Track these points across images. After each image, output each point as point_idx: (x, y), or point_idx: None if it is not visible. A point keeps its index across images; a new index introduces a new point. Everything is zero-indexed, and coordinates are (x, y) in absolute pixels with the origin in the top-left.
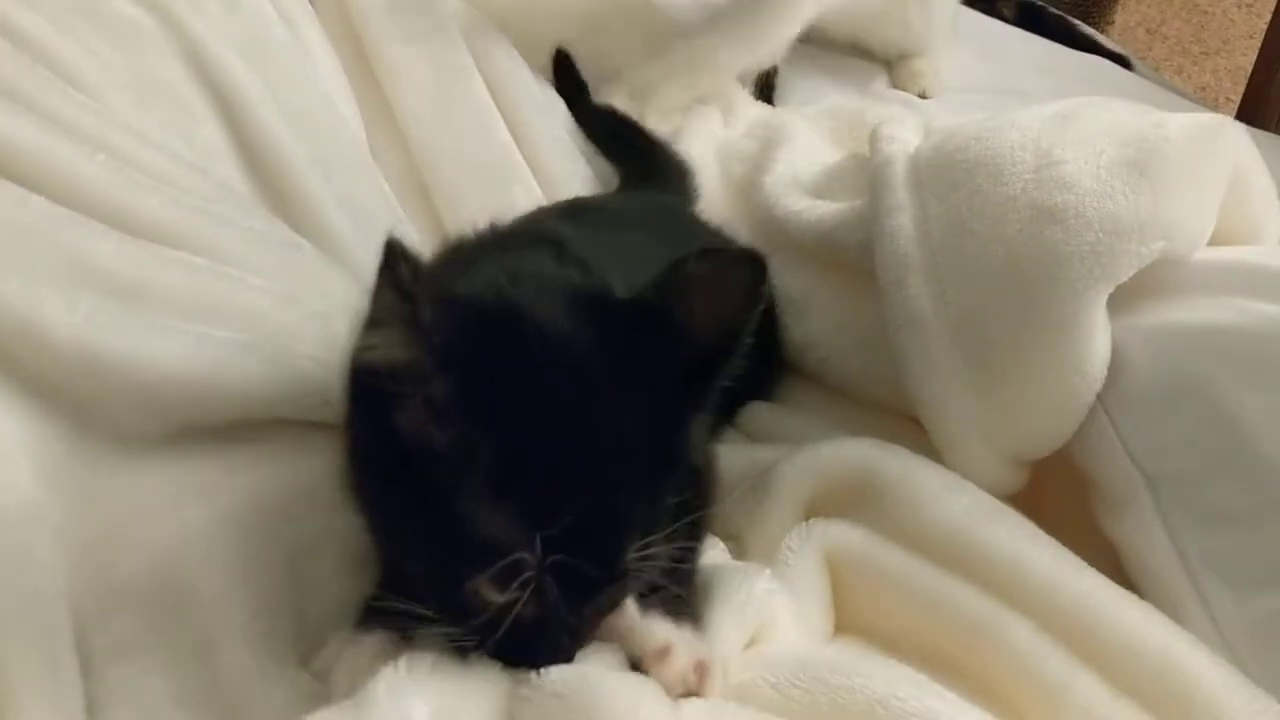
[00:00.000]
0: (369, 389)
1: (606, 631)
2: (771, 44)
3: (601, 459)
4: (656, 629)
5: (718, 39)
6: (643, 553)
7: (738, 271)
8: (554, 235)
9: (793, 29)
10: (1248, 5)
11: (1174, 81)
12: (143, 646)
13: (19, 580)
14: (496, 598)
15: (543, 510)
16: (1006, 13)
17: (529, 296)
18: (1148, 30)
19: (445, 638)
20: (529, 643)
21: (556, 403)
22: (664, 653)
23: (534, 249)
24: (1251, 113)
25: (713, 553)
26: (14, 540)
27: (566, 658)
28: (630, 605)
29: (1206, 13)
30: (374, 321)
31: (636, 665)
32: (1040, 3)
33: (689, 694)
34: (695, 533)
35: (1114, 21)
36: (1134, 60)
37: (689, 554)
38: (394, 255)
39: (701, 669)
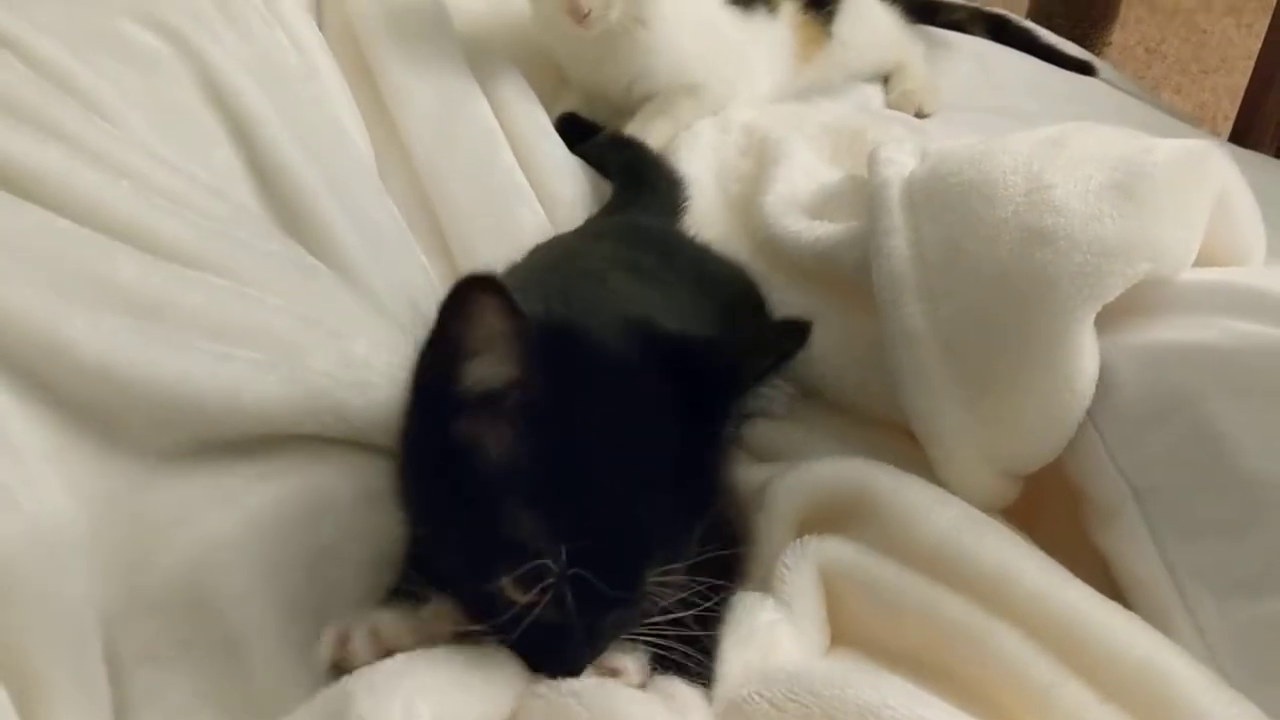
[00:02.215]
0: (429, 404)
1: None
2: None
3: (635, 487)
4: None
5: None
6: (662, 579)
7: (777, 341)
8: (599, 267)
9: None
10: (1247, 25)
11: (1173, 100)
12: (169, 650)
13: (50, 588)
14: (519, 598)
15: (573, 524)
16: (976, 33)
17: (595, 327)
18: (1147, 49)
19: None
20: (546, 647)
21: (605, 430)
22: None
23: (585, 280)
24: (1245, 134)
25: None
26: (45, 549)
27: (579, 667)
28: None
29: (1205, 32)
30: (473, 351)
31: None
32: (1005, 14)
33: None
34: (723, 575)
35: (1110, 43)
36: (1098, 66)
37: (715, 596)
38: (487, 286)
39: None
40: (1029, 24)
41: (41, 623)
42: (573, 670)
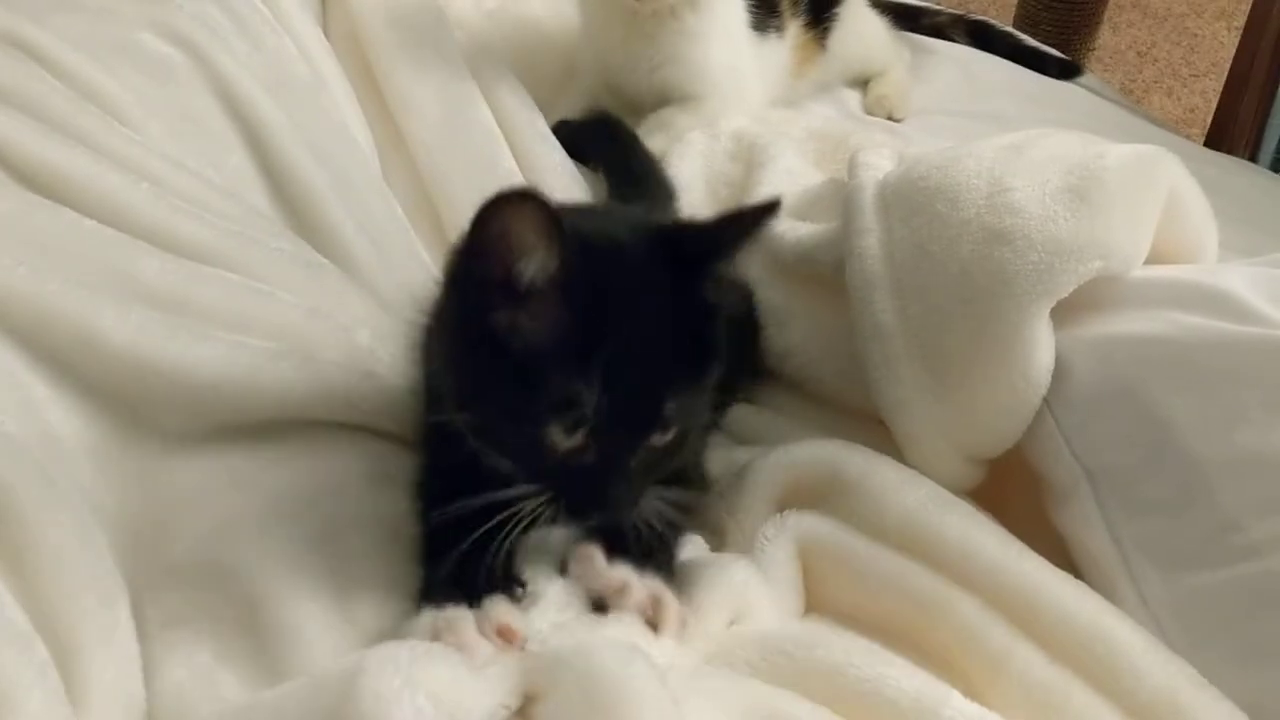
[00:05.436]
0: (472, 298)
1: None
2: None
3: (648, 341)
4: (617, 572)
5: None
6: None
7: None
8: None
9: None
10: (1237, 28)
11: (1164, 103)
12: (192, 617)
13: (82, 555)
14: (564, 443)
15: (605, 374)
16: (957, 37)
17: (607, 227)
18: (1138, 53)
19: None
20: (589, 493)
21: (622, 301)
22: (622, 590)
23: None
24: (1219, 137)
25: (695, 547)
26: (77, 521)
27: (626, 505)
28: (600, 557)
29: (1196, 35)
30: (522, 250)
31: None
32: (986, 19)
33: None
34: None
35: (1094, 48)
36: (1085, 68)
37: (678, 520)
38: (526, 197)
39: (658, 604)
40: (1010, 29)
41: (77, 581)
42: (615, 511)
